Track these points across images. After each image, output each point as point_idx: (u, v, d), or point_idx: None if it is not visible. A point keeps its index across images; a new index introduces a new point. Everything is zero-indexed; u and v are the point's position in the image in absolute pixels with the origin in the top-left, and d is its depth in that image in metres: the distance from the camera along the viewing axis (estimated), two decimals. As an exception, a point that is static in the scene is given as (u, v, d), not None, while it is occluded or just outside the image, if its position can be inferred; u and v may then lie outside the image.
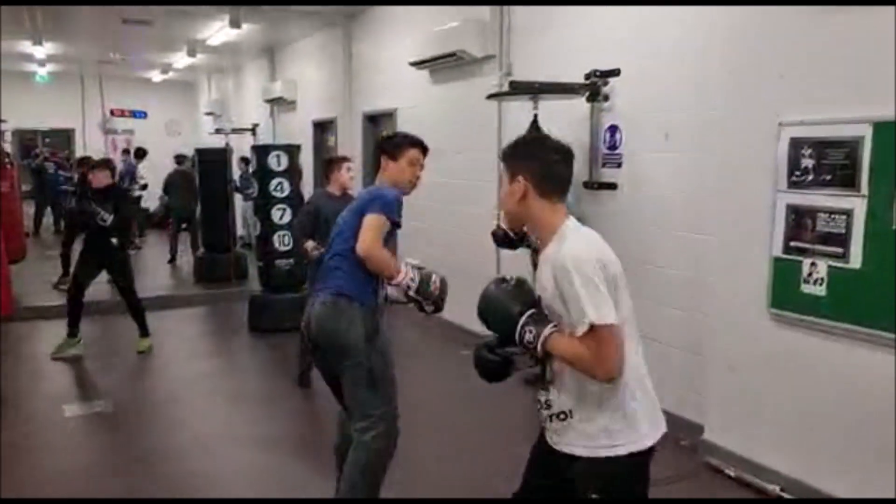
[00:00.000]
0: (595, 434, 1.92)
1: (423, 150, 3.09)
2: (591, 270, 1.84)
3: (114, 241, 5.77)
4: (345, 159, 5.23)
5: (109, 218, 5.59)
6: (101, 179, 5.81)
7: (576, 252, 1.88)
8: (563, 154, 2.08)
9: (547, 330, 1.92)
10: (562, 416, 1.97)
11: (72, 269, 6.38)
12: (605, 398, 1.91)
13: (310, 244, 4.60)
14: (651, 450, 1.95)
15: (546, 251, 2.00)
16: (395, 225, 2.85)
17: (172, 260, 10.30)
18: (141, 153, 12.80)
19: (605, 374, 1.86)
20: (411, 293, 2.81)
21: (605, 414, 1.91)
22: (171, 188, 10.50)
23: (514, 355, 2.05)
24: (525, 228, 2.23)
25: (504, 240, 4.34)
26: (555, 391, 1.99)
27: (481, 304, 2.06)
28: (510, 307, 1.99)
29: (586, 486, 1.96)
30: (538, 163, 2.03)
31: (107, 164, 6.15)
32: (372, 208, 2.78)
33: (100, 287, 6.03)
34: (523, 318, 1.95)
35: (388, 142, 3.12)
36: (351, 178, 5.09)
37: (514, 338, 1.97)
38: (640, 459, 1.94)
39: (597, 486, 1.94)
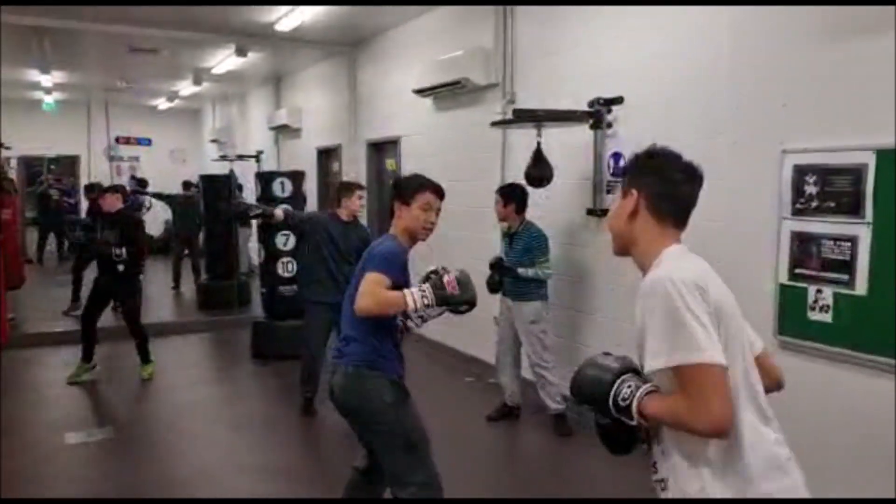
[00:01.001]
0: None
1: (438, 193, 2.87)
2: (681, 295, 1.52)
3: (120, 268, 5.76)
4: (359, 187, 5.30)
5: (123, 252, 5.65)
6: (112, 203, 5.88)
7: (668, 275, 1.57)
8: (690, 174, 1.79)
9: (645, 388, 1.61)
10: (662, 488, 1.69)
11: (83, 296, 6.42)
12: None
13: (278, 211, 5.35)
14: None
15: (643, 285, 1.66)
16: (396, 284, 2.65)
17: (176, 286, 10.30)
18: (142, 184, 12.88)
19: (709, 427, 1.50)
20: (433, 308, 2.65)
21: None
22: (176, 214, 10.56)
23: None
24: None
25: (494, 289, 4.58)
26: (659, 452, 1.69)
27: (583, 370, 1.76)
28: (604, 374, 1.69)
29: None
30: (658, 178, 1.77)
31: (118, 189, 6.22)
32: (369, 266, 2.65)
33: (105, 314, 6.03)
34: (619, 380, 1.65)
35: (401, 187, 2.91)
36: (361, 206, 5.18)
37: (608, 404, 1.65)
38: None
39: None
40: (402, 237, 2.84)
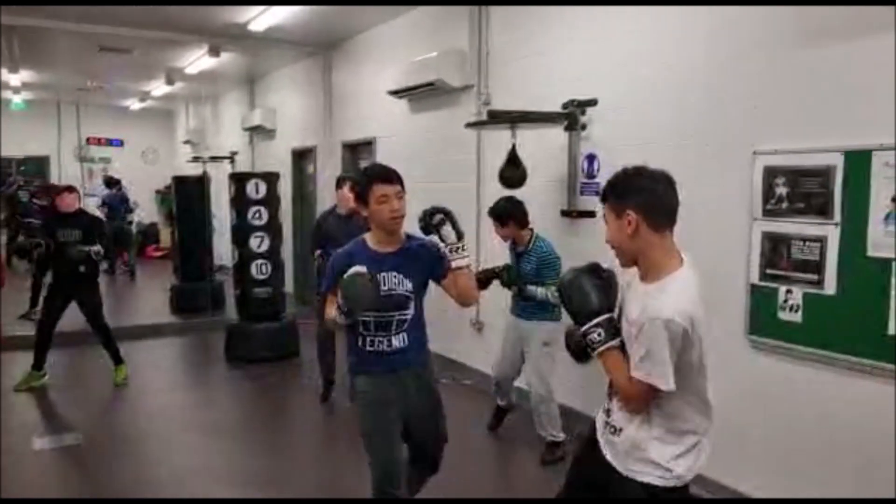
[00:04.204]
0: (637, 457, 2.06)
1: (387, 180, 2.78)
2: (671, 334, 1.91)
3: (82, 268, 5.65)
4: (350, 179, 5.18)
5: (91, 251, 5.54)
6: (70, 203, 5.76)
7: (668, 312, 1.91)
8: (669, 182, 2.03)
9: (611, 343, 2.04)
10: (612, 431, 2.13)
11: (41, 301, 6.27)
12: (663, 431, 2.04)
13: (316, 253, 5.21)
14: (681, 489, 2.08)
15: (646, 289, 2.02)
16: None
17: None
18: (113, 182, 12.73)
19: (629, 409, 2.07)
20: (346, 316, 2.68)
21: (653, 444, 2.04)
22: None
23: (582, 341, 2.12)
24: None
25: (487, 282, 4.33)
26: (615, 406, 2.13)
27: (573, 281, 2.12)
28: (596, 302, 2.07)
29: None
30: (646, 194, 1.99)
31: (72, 188, 6.01)
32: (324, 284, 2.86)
33: (71, 318, 5.91)
34: (600, 318, 2.04)
35: (358, 188, 2.93)
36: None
37: (583, 328, 2.06)
38: (669, 496, 2.05)
39: None
40: (378, 233, 2.84)
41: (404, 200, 2.81)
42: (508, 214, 4.32)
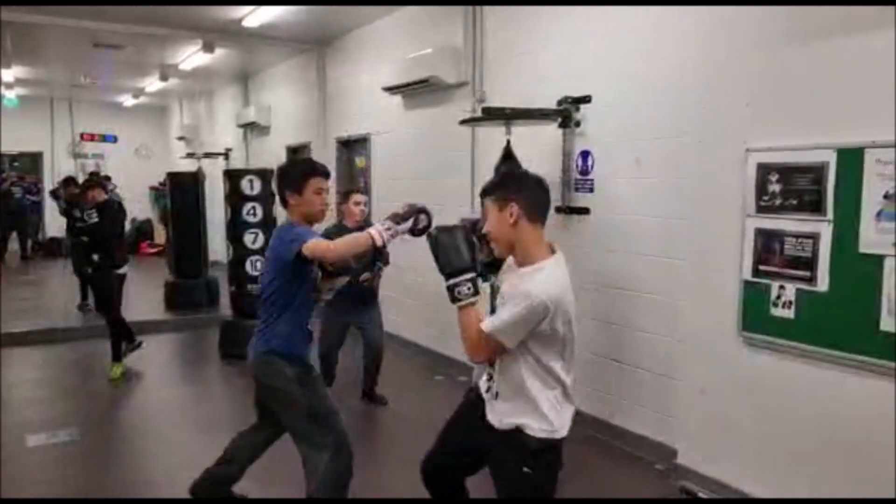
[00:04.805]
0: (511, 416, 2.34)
1: (326, 175, 3.07)
2: (532, 309, 2.18)
3: (95, 257, 5.88)
4: (356, 191, 5.06)
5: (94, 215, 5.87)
6: (98, 195, 6.06)
7: (537, 289, 2.20)
8: (545, 187, 2.42)
9: (473, 299, 2.32)
10: (494, 396, 2.41)
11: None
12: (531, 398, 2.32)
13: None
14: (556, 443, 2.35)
15: (521, 271, 2.34)
16: (300, 274, 2.94)
17: None
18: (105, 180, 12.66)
19: (470, 357, 2.40)
20: (399, 232, 2.79)
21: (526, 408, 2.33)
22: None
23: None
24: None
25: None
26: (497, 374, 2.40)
27: (443, 239, 2.35)
28: (468, 258, 2.33)
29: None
30: (527, 192, 2.35)
31: (102, 182, 6.45)
32: (306, 237, 2.85)
33: (70, 313, 5.92)
34: (469, 275, 2.32)
35: (287, 177, 3.05)
36: (361, 210, 4.91)
37: (452, 280, 2.31)
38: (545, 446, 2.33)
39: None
40: (301, 224, 3.00)
41: None
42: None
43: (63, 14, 6.97)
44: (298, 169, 3.10)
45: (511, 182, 2.44)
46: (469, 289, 2.30)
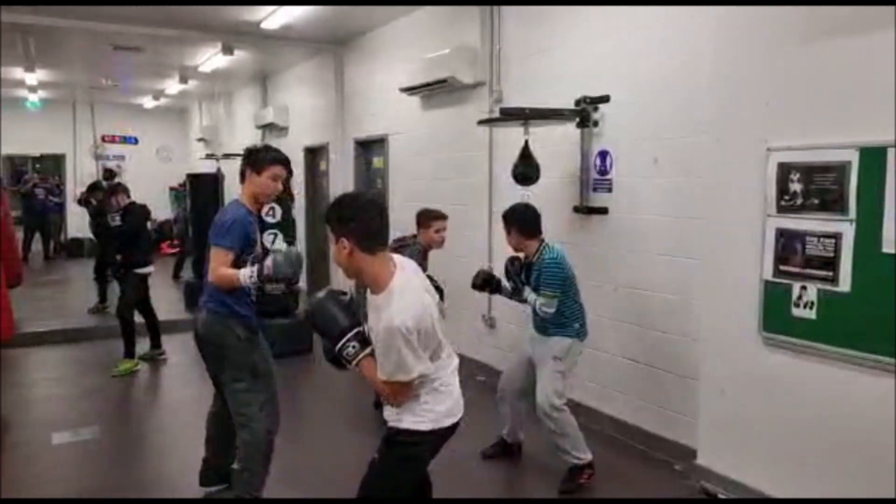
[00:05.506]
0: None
1: (287, 166, 3.41)
2: (404, 337, 2.20)
3: (118, 257, 6.30)
4: (439, 217, 4.61)
5: (118, 218, 6.28)
6: (121, 199, 6.42)
7: (397, 320, 2.20)
8: (379, 209, 2.38)
9: (364, 353, 2.34)
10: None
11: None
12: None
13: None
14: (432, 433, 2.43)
15: (377, 300, 2.33)
16: (242, 250, 3.27)
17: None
18: (113, 176, 12.78)
19: (395, 403, 2.39)
20: (263, 281, 3.18)
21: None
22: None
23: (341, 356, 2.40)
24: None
25: (483, 286, 4.24)
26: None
27: (318, 307, 2.39)
28: (343, 321, 2.36)
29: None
30: (357, 223, 2.30)
31: (125, 188, 6.69)
32: (213, 239, 3.24)
33: (82, 314, 6.01)
34: (350, 334, 2.34)
35: (253, 156, 3.36)
36: (442, 238, 4.63)
37: (338, 346, 2.34)
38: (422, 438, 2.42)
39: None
40: (248, 201, 3.35)
41: None
42: (510, 221, 4.02)
43: (83, 17, 7.05)
44: (266, 154, 3.40)
45: (339, 216, 2.34)
46: (355, 347, 2.34)
